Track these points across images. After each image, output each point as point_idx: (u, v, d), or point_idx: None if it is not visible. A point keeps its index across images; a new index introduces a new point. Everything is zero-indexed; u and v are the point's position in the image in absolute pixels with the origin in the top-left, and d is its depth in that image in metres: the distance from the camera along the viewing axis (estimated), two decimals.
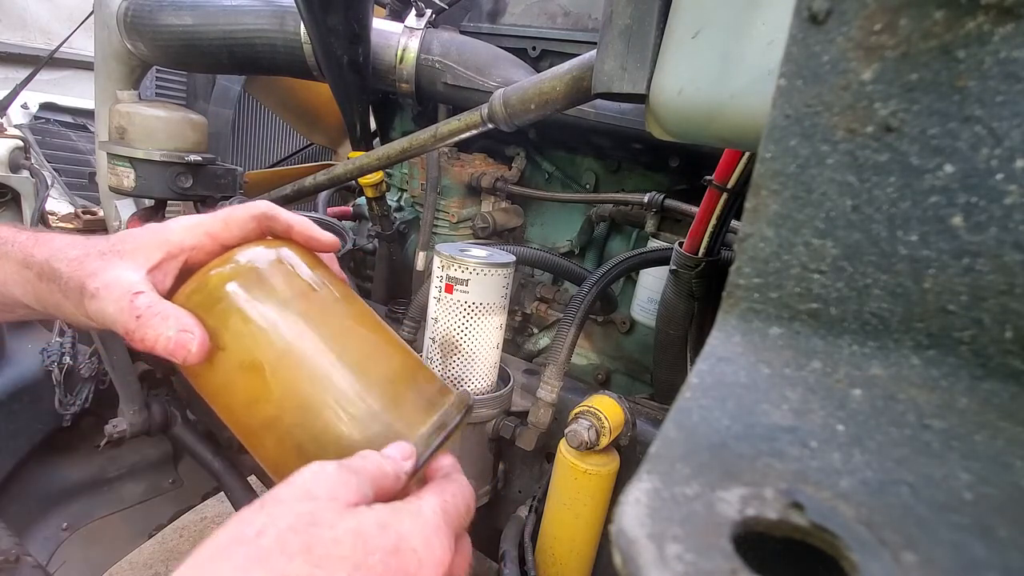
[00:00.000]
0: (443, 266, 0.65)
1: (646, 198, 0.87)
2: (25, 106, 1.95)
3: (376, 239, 1.08)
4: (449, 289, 0.65)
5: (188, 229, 0.40)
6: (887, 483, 0.19)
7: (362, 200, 1.17)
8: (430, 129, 0.72)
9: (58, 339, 1.02)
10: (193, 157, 0.95)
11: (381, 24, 0.95)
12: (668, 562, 0.16)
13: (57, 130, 1.96)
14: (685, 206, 0.84)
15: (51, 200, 1.59)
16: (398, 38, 0.93)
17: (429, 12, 0.95)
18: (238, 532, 0.28)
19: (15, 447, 0.96)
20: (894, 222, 0.24)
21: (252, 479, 1.13)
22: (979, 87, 0.22)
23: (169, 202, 1.08)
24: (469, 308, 0.65)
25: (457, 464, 0.38)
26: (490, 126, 0.66)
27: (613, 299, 0.93)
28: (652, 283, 0.88)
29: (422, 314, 0.78)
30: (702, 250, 0.70)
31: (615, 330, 0.98)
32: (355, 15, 0.83)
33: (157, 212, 1.10)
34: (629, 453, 0.67)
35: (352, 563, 0.28)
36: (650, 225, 0.89)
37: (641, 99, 0.46)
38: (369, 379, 0.37)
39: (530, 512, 0.71)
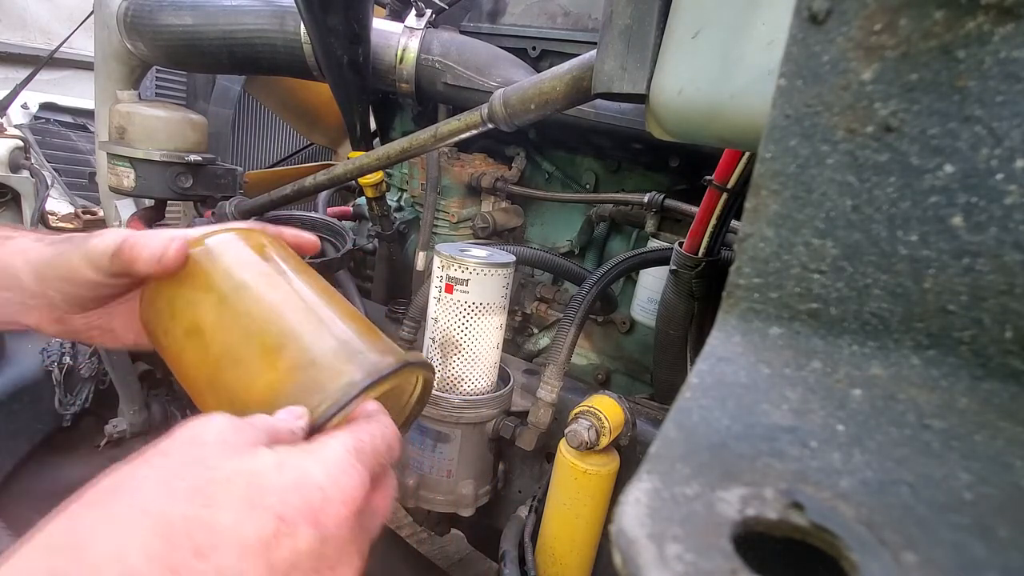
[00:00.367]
0: (443, 266, 0.65)
1: (646, 198, 0.87)
2: (25, 106, 1.95)
3: (376, 239, 1.08)
4: (449, 289, 0.65)
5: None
6: (887, 483, 0.19)
7: (362, 200, 1.16)
8: (430, 129, 0.72)
9: (58, 339, 1.02)
10: (193, 157, 0.95)
11: (381, 24, 0.95)
12: (668, 562, 0.16)
13: (57, 130, 1.96)
14: (685, 206, 0.84)
15: (51, 200, 1.60)
16: (398, 38, 0.93)
17: (429, 12, 0.95)
18: (116, 483, 0.26)
19: (15, 447, 0.96)
20: (894, 222, 0.24)
21: None
22: (979, 87, 0.22)
23: (169, 202, 1.08)
24: (469, 308, 0.65)
25: (382, 408, 0.37)
26: (490, 126, 0.66)
27: (613, 299, 0.93)
28: (652, 283, 0.88)
29: (422, 314, 0.78)
30: (702, 250, 0.70)
31: (615, 330, 0.98)
32: (355, 15, 0.83)
33: (157, 212, 1.10)
34: (629, 453, 0.67)
35: (246, 502, 0.26)
36: (650, 225, 0.89)
37: (641, 99, 0.46)
38: (301, 335, 0.38)
39: (530, 512, 0.71)
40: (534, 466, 0.78)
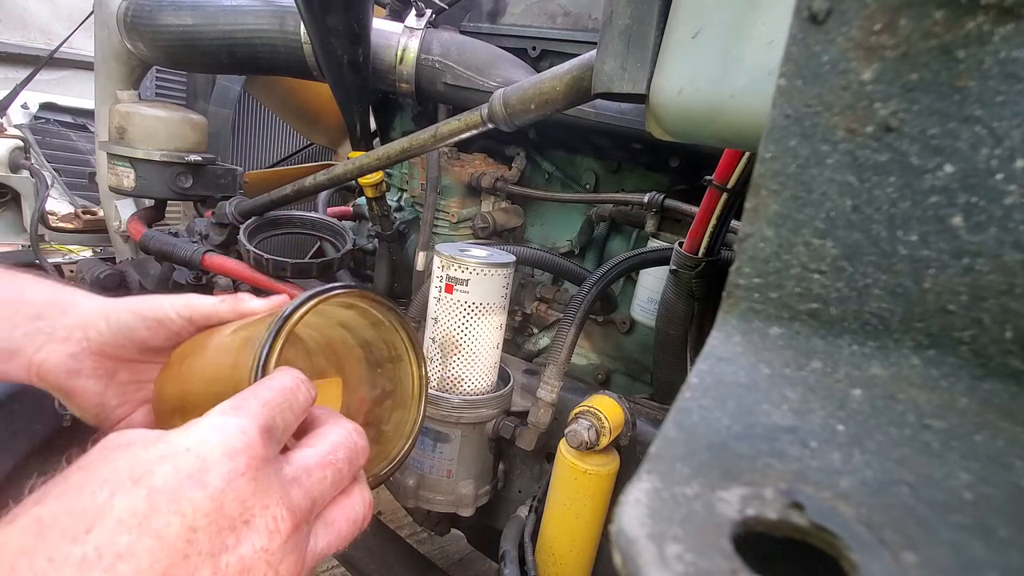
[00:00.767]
0: (443, 266, 0.65)
1: (646, 198, 0.87)
2: (25, 106, 1.95)
3: (376, 239, 1.08)
4: (449, 289, 0.65)
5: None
6: (887, 483, 0.19)
7: (362, 200, 1.17)
8: (430, 129, 0.72)
9: None
10: (193, 157, 0.96)
11: (381, 24, 0.95)
12: (668, 562, 0.16)
13: (57, 130, 1.96)
14: (685, 206, 0.84)
15: (51, 200, 1.60)
16: (398, 38, 0.93)
17: (429, 12, 0.95)
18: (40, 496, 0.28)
19: (15, 447, 0.96)
20: (894, 222, 0.24)
21: None
22: (979, 87, 0.22)
23: (169, 202, 1.08)
24: (469, 308, 0.65)
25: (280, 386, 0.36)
26: (490, 126, 0.66)
27: (613, 299, 0.93)
28: (652, 283, 0.88)
29: (422, 314, 0.78)
30: (702, 250, 0.70)
31: (615, 330, 0.98)
32: (355, 15, 0.83)
33: (157, 212, 1.10)
34: (629, 453, 0.67)
35: (119, 482, 0.27)
36: (650, 225, 0.89)
37: (641, 99, 0.46)
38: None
39: (530, 512, 0.71)
40: (534, 466, 0.78)
